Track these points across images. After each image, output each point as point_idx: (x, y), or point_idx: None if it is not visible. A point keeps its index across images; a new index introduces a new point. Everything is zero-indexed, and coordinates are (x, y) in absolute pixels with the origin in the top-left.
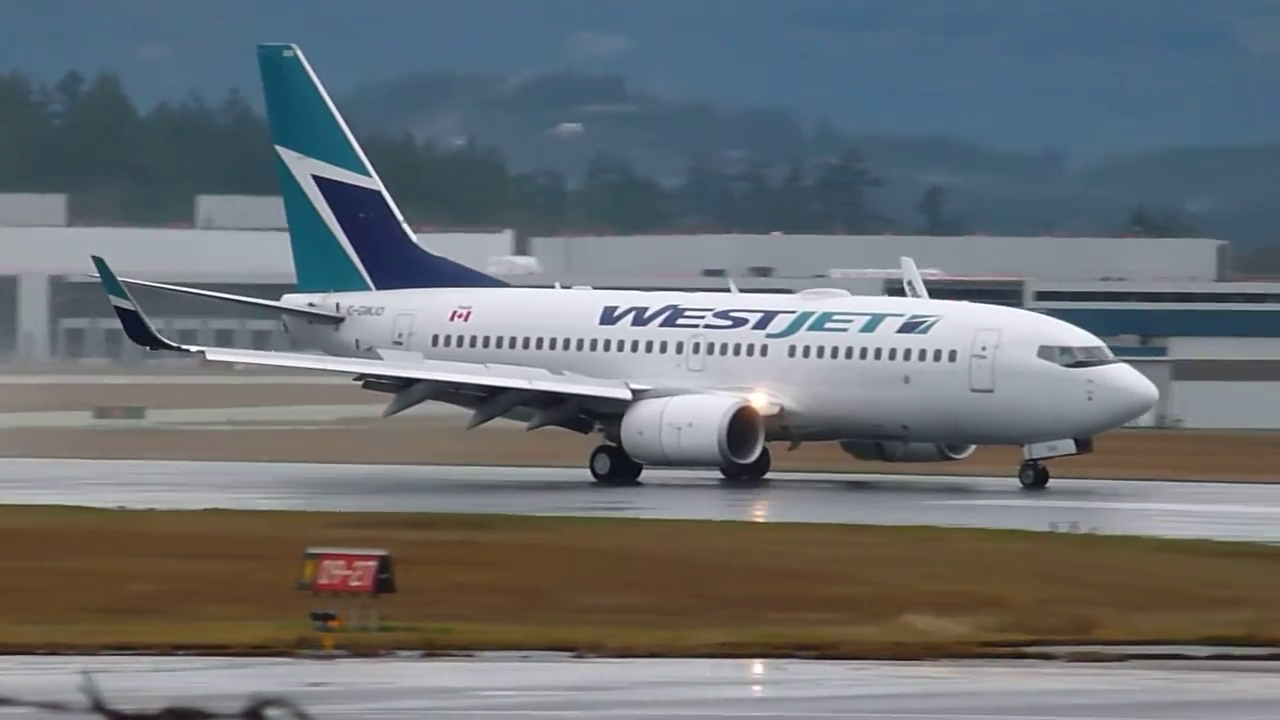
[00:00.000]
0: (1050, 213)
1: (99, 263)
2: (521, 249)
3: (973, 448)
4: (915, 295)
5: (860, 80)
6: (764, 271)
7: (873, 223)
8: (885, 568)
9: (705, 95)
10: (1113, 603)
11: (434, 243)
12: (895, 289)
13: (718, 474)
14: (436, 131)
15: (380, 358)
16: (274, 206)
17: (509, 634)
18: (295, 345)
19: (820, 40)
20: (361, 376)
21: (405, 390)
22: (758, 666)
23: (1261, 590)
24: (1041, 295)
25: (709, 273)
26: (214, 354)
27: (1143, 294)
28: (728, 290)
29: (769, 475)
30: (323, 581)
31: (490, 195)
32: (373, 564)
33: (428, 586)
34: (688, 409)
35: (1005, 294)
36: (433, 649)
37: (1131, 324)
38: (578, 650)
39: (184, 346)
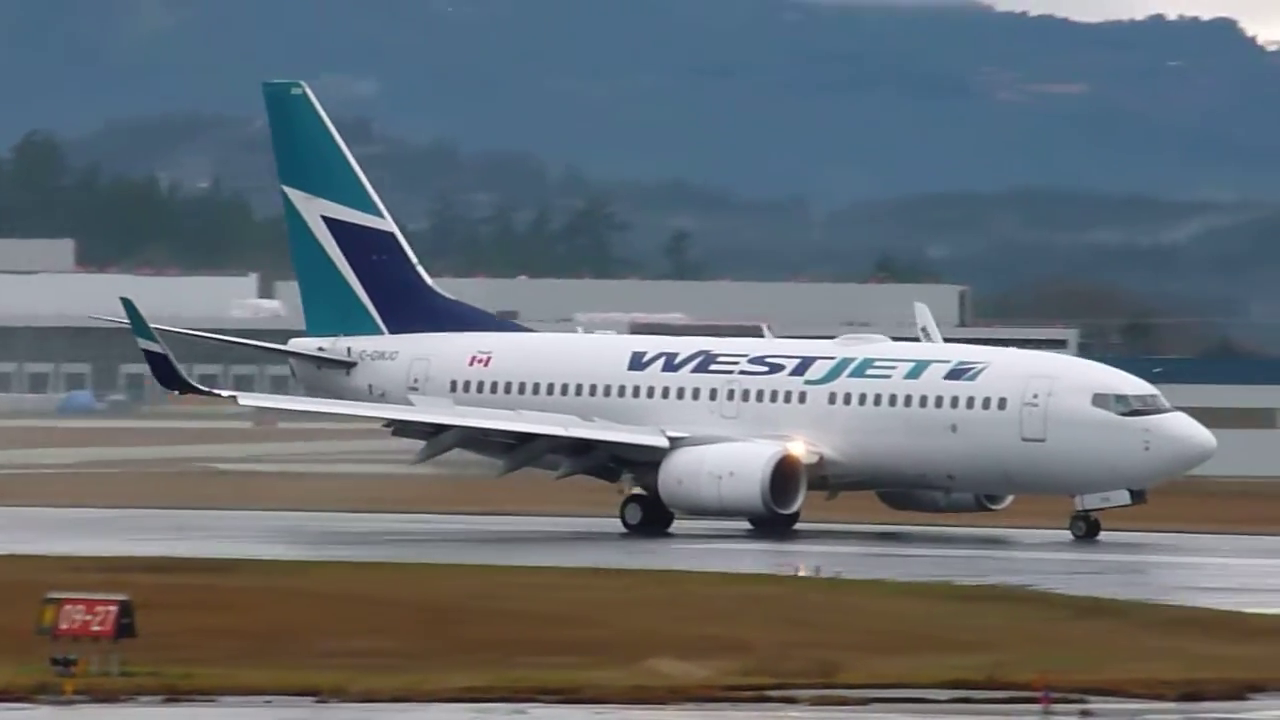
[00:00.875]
0: (795, 258)
1: (128, 305)
2: (267, 292)
3: (1010, 498)
4: (929, 341)
5: (606, 125)
6: (511, 315)
7: (618, 267)
8: (630, 611)
9: (451, 138)
10: (856, 646)
11: (177, 285)
12: (640, 330)
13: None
14: (182, 173)
15: (410, 403)
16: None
17: (251, 678)
18: (304, 391)
19: (566, 85)
20: (392, 422)
21: (435, 437)
22: (501, 711)
23: (1001, 633)
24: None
25: None
26: (246, 399)
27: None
28: (761, 335)
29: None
30: (63, 626)
31: (236, 237)
32: (114, 608)
33: (169, 631)
34: (729, 457)
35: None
36: (174, 694)
37: None
38: (321, 695)
39: (215, 391)
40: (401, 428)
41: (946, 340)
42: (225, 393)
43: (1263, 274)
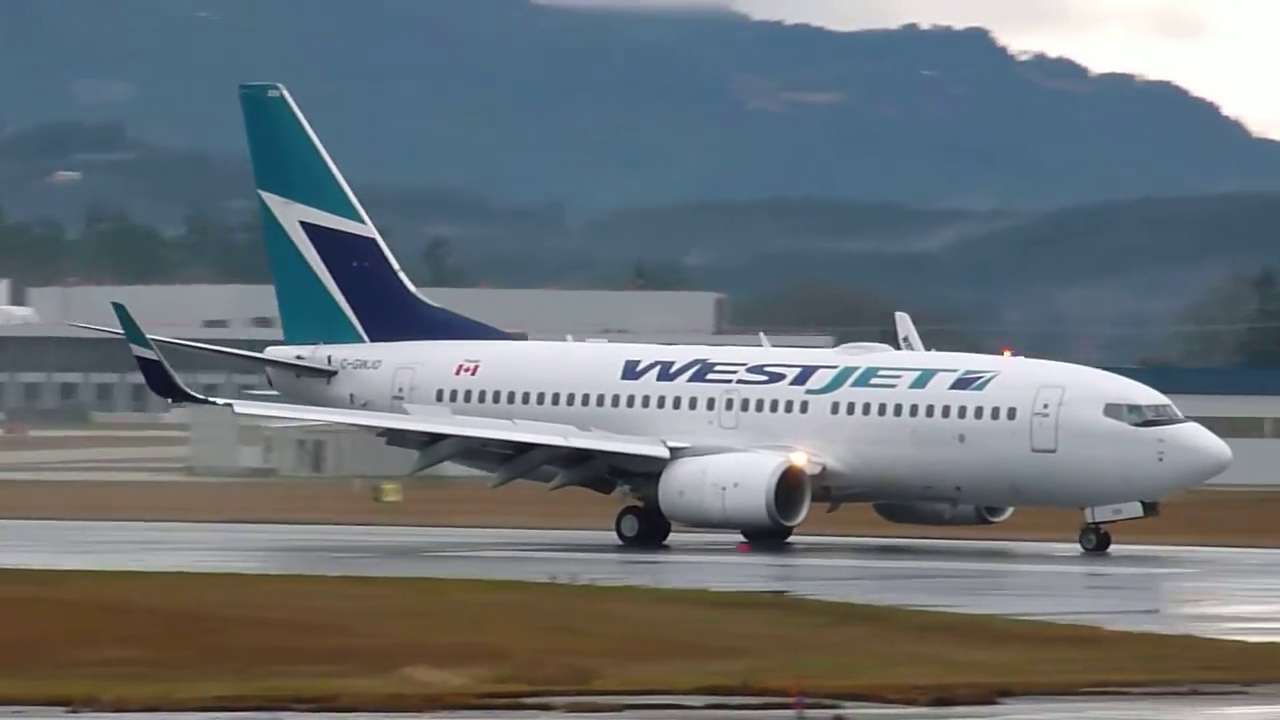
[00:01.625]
0: (553, 265)
1: (120, 310)
2: (18, 298)
3: (1010, 510)
4: (912, 351)
5: (362, 130)
6: (265, 322)
7: None
8: (386, 619)
9: (205, 145)
10: (611, 653)
11: None
12: None
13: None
14: None
15: (407, 412)
16: None
17: (2, 688)
18: (281, 399)
19: (322, 90)
20: (386, 431)
21: (431, 447)
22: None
23: (755, 640)
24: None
25: (210, 323)
26: (243, 407)
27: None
28: (759, 345)
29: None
30: None
31: None
32: None
33: None
34: (733, 468)
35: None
36: None
37: None
38: (72, 705)
39: (211, 399)
40: (396, 437)
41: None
42: (222, 401)
43: (1014, 281)
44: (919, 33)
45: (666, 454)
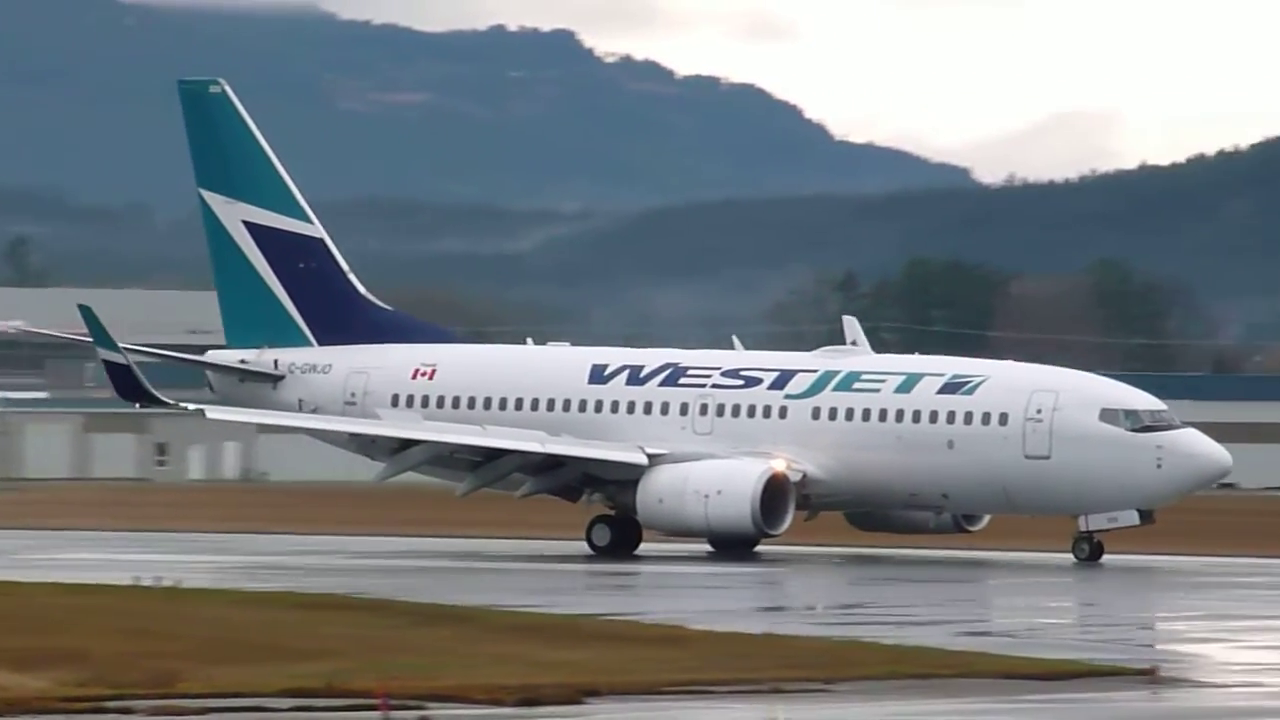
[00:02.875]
0: (138, 265)
1: (86, 312)
2: None
3: (987, 518)
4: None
5: None
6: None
7: None
8: None
9: None
10: (195, 655)
11: None
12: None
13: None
14: None
15: (379, 417)
16: None
17: None
18: (224, 405)
19: None
20: (356, 436)
21: (400, 454)
22: None
23: (342, 641)
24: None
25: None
26: (215, 413)
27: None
28: (731, 348)
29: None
30: None
31: None
32: None
33: None
34: (716, 475)
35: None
36: None
37: None
38: None
39: (181, 404)
40: (364, 444)
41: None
42: (192, 406)
43: (603, 281)
44: (506, 34)
45: (645, 461)
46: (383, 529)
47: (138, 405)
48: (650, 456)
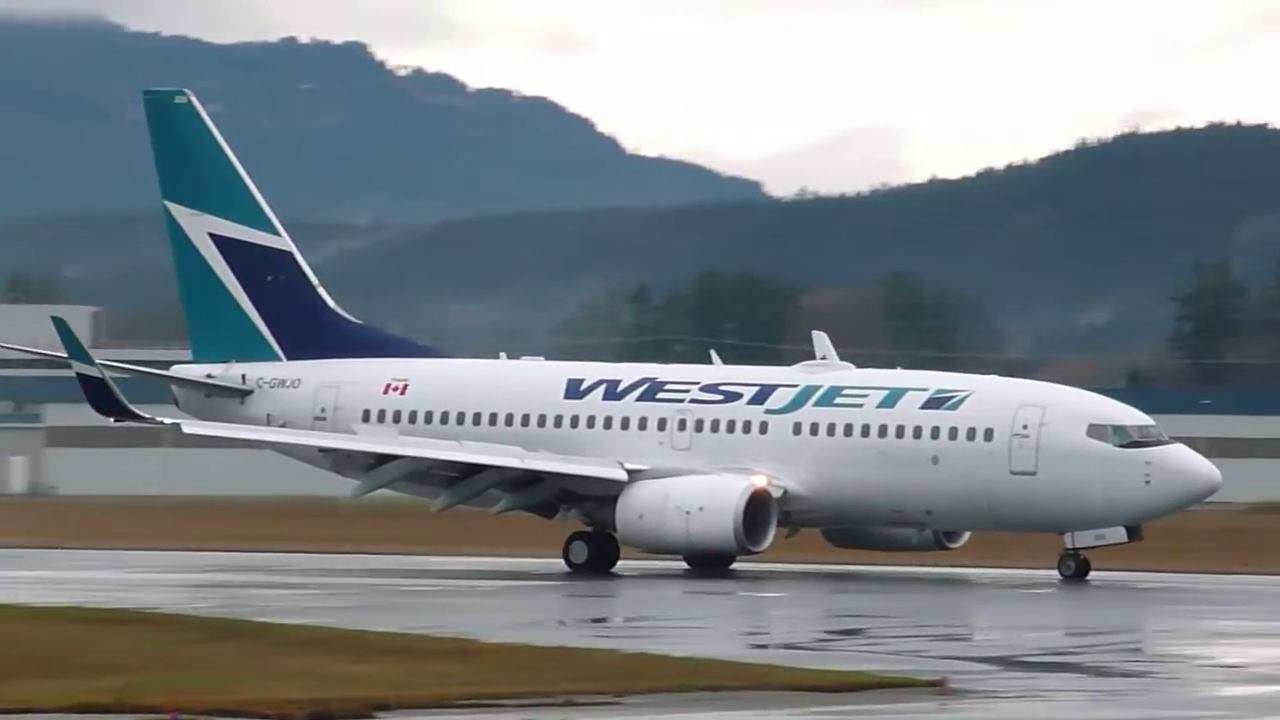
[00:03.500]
0: None
1: (61, 326)
2: None
3: (966, 536)
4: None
5: None
6: None
7: None
8: None
9: None
10: None
11: None
12: None
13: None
14: None
15: (351, 432)
16: None
17: None
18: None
19: None
20: (329, 451)
21: (376, 469)
22: None
23: (131, 656)
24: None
25: None
26: (191, 427)
27: (16, 360)
28: (710, 363)
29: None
30: None
31: None
32: None
33: None
34: (698, 491)
35: None
36: None
37: (5, 391)
38: None
39: (157, 419)
40: (339, 460)
41: None
42: (169, 420)
43: (396, 294)
44: (298, 46)
45: (624, 476)
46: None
47: (113, 420)
48: (630, 472)
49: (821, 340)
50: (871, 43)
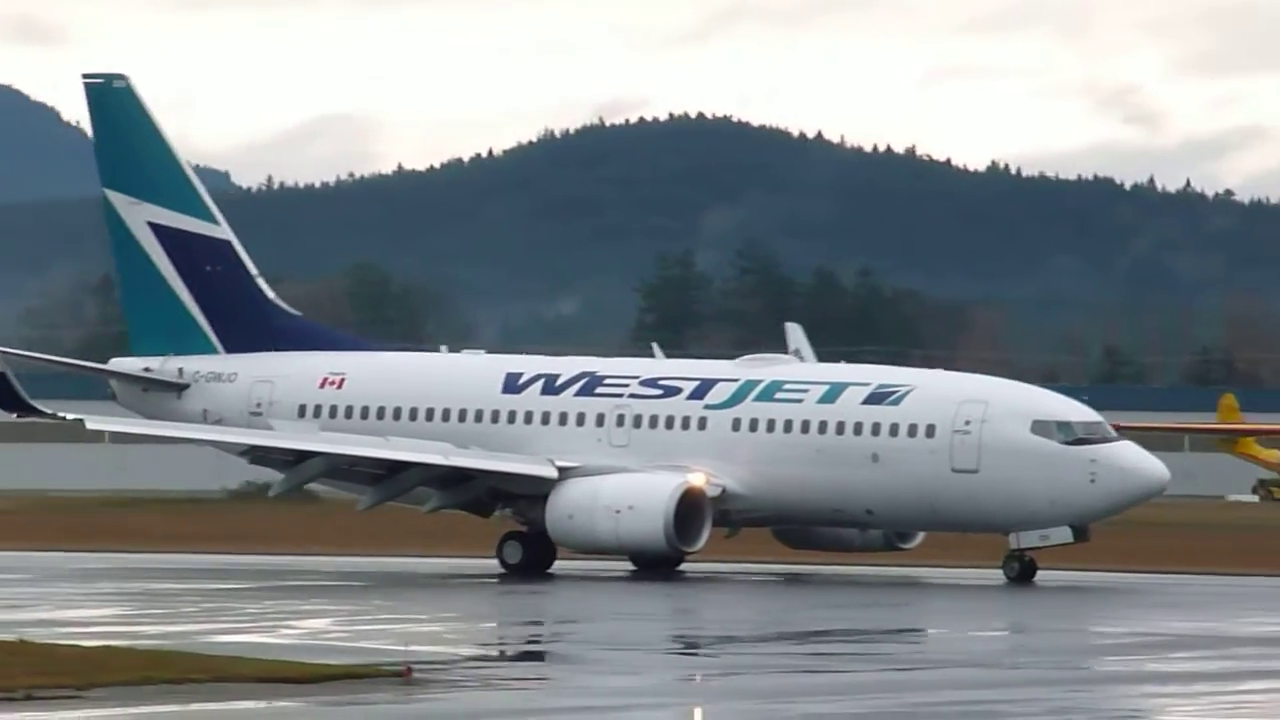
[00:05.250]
0: None
1: None
2: None
3: (921, 536)
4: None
5: None
6: None
7: None
8: None
9: None
10: None
11: None
12: None
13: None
14: None
15: (270, 428)
16: None
17: None
18: (128, 415)
19: None
20: (249, 449)
21: (297, 466)
22: None
23: None
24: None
25: None
26: (94, 422)
27: None
28: (651, 356)
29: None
30: None
31: None
32: None
33: None
34: (628, 489)
35: None
36: None
37: None
38: None
39: (60, 414)
40: (260, 455)
41: None
42: (71, 415)
43: None
44: None
45: (555, 474)
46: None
47: (15, 415)
48: (561, 470)
49: (795, 332)
50: (339, 32)
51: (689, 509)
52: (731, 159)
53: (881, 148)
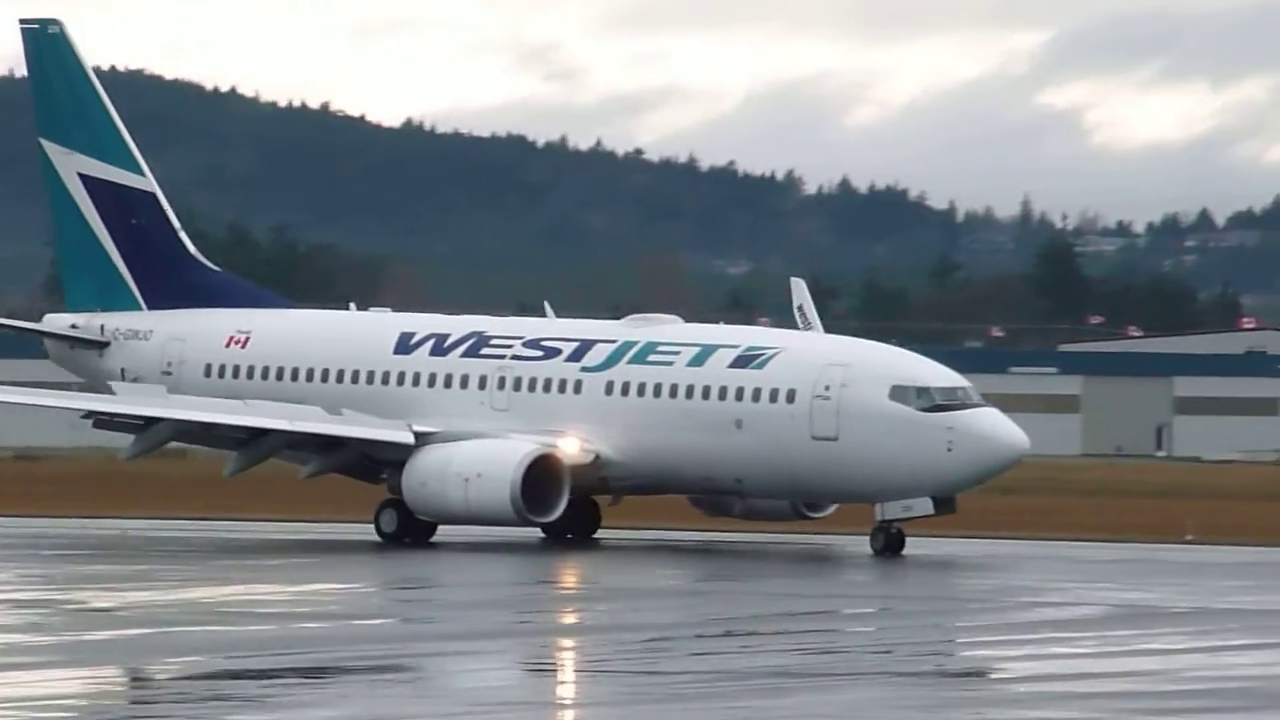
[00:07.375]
0: None
1: None
2: None
3: (834, 506)
4: (806, 323)
5: None
6: None
7: None
8: None
9: None
10: None
11: None
12: None
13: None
14: None
15: (190, 391)
16: None
17: None
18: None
19: None
20: (90, 414)
21: (145, 431)
22: None
23: None
24: None
25: None
26: None
27: None
28: (544, 315)
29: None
30: None
31: None
32: None
33: None
34: (478, 456)
35: None
36: None
37: None
38: None
39: None
40: (104, 420)
41: None
42: None
43: None
44: None
45: (411, 440)
46: None
47: None
48: (418, 435)
49: (799, 288)
50: None
51: (542, 477)
52: (150, 110)
53: (297, 103)
